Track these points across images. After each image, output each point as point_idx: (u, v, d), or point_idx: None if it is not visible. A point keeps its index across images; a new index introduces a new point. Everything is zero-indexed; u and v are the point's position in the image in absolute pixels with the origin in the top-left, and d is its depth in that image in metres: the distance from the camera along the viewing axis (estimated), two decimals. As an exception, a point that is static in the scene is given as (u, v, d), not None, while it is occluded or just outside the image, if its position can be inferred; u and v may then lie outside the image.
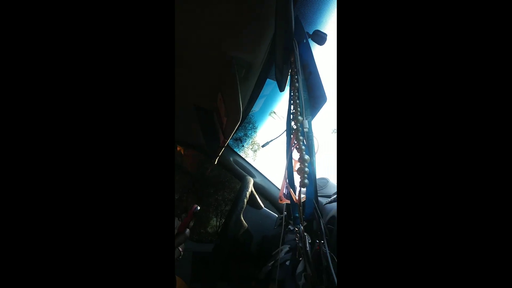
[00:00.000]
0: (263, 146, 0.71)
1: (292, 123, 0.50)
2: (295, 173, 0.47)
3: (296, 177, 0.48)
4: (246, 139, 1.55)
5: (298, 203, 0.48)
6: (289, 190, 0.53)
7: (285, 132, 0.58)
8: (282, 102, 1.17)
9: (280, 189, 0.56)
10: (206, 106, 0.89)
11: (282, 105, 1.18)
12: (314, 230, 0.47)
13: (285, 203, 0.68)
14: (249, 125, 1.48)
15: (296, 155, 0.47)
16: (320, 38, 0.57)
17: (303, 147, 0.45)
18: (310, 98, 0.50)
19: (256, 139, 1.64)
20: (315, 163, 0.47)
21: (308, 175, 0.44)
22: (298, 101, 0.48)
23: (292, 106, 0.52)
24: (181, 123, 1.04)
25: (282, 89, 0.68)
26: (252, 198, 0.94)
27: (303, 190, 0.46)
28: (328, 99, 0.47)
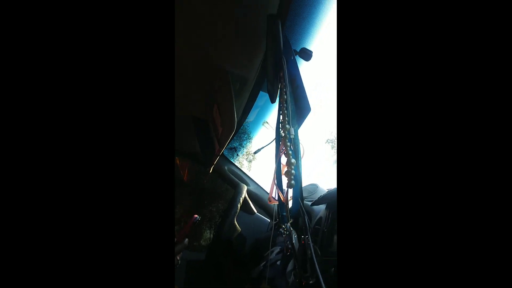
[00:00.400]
0: (255, 153, 0.76)
1: (281, 131, 0.56)
2: (283, 176, 0.52)
3: (284, 179, 0.53)
4: (241, 149, 1.59)
5: (285, 202, 0.53)
6: (277, 191, 0.58)
7: (275, 140, 0.63)
8: (274, 113, 1.22)
9: (269, 191, 0.61)
10: (202, 117, 0.94)
11: (275, 116, 1.23)
12: (300, 226, 0.52)
13: (274, 204, 0.72)
14: (244, 135, 1.52)
15: (284, 160, 0.52)
16: (306, 55, 0.63)
17: (290, 152, 0.50)
18: (297, 109, 0.55)
19: (251, 149, 1.67)
20: (301, 167, 0.52)
21: (295, 177, 0.49)
22: (286, 111, 0.54)
23: (281, 116, 0.57)
24: (176, 133, 1.08)
25: (274, 101, 0.74)
26: (246, 204, 0.98)
27: (290, 191, 0.51)
28: (312, 109, 0.53)
